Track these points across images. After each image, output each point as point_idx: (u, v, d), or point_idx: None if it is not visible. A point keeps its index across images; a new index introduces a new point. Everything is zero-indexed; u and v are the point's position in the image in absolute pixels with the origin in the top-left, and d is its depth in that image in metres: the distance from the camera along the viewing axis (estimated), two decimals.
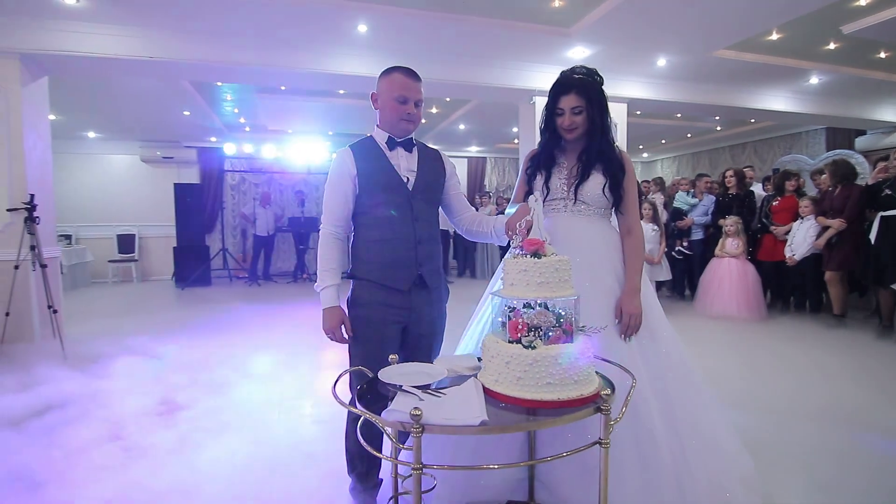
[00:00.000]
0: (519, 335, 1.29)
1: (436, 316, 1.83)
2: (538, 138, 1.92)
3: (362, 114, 7.41)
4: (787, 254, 5.17)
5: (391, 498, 1.48)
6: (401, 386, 1.33)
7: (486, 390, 1.30)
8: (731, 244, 5.51)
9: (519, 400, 1.22)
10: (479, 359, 1.46)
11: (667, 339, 1.83)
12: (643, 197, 6.28)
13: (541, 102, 5.52)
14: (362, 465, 1.84)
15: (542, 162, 1.87)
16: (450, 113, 7.80)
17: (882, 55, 5.35)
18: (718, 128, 9.31)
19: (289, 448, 2.37)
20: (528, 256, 1.33)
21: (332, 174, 1.78)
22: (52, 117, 7.00)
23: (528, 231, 1.42)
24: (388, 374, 1.42)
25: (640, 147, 11.64)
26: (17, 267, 3.81)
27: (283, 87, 6.13)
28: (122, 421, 2.71)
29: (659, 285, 5.95)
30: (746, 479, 1.82)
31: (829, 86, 6.19)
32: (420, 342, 1.81)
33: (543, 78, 5.40)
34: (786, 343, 4.23)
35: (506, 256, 1.39)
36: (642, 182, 6.71)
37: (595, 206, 1.83)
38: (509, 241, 1.59)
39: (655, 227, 5.58)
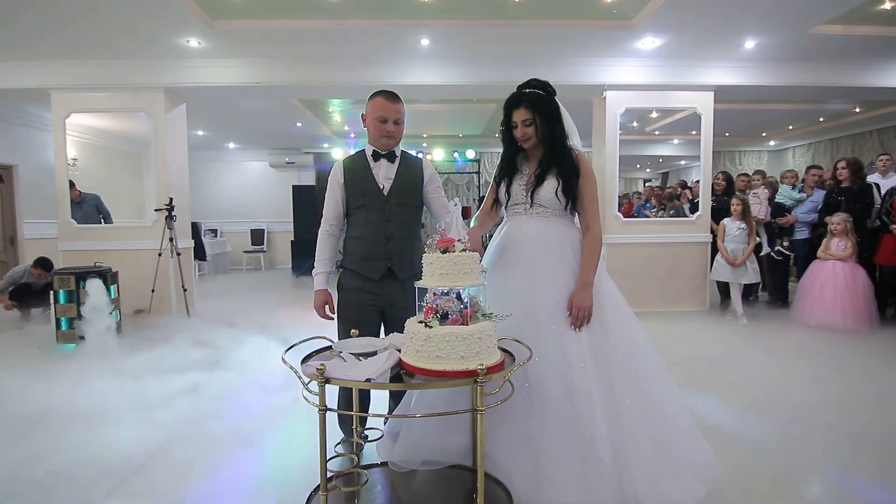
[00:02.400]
0: (426, 317, 1.55)
1: (409, 303, 2.14)
2: (609, 131, 2.10)
3: (443, 117, 7.84)
4: None
5: (341, 440, 1.86)
6: (340, 352, 1.68)
7: (399, 359, 1.59)
8: (837, 245, 4.85)
9: (414, 367, 1.50)
10: None
11: (619, 333, 1.91)
12: (716, 196, 5.77)
13: (612, 96, 5.45)
14: (349, 422, 2.22)
15: (505, 170, 2.06)
16: None
17: None
18: (857, 109, 7.98)
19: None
20: (438, 252, 1.58)
21: (328, 182, 2.18)
22: (200, 133, 8.64)
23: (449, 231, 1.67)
24: (339, 345, 1.78)
25: (764, 135, 10.39)
26: (160, 254, 4.92)
27: None
28: (222, 385, 3.21)
29: (748, 290, 5.44)
30: (698, 469, 1.84)
31: None
32: (396, 324, 2.13)
33: (613, 72, 5.28)
34: (890, 361, 3.68)
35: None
36: (738, 176, 6.13)
37: (552, 208, 1.97)
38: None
39: (742, 226, 5.11)
